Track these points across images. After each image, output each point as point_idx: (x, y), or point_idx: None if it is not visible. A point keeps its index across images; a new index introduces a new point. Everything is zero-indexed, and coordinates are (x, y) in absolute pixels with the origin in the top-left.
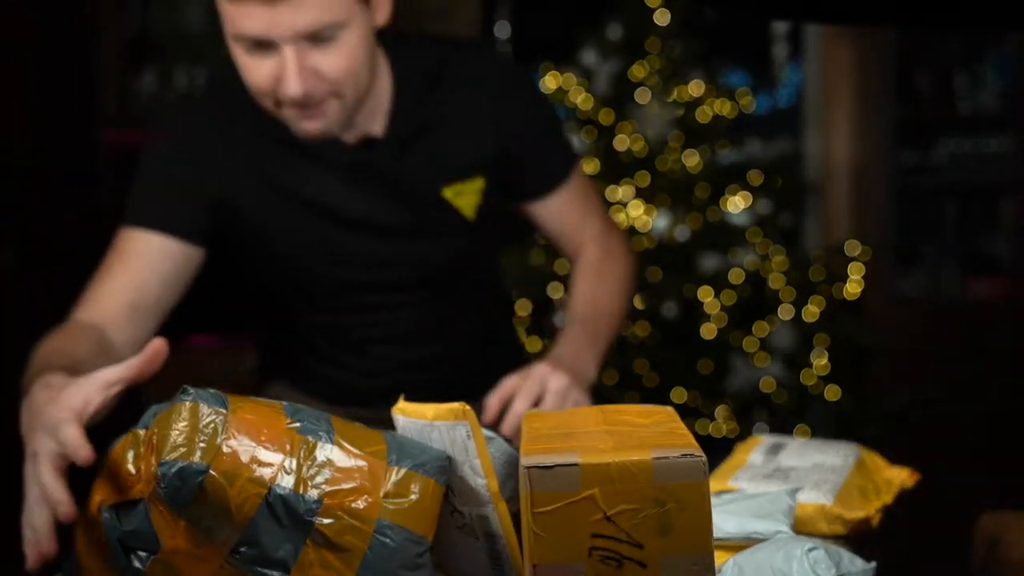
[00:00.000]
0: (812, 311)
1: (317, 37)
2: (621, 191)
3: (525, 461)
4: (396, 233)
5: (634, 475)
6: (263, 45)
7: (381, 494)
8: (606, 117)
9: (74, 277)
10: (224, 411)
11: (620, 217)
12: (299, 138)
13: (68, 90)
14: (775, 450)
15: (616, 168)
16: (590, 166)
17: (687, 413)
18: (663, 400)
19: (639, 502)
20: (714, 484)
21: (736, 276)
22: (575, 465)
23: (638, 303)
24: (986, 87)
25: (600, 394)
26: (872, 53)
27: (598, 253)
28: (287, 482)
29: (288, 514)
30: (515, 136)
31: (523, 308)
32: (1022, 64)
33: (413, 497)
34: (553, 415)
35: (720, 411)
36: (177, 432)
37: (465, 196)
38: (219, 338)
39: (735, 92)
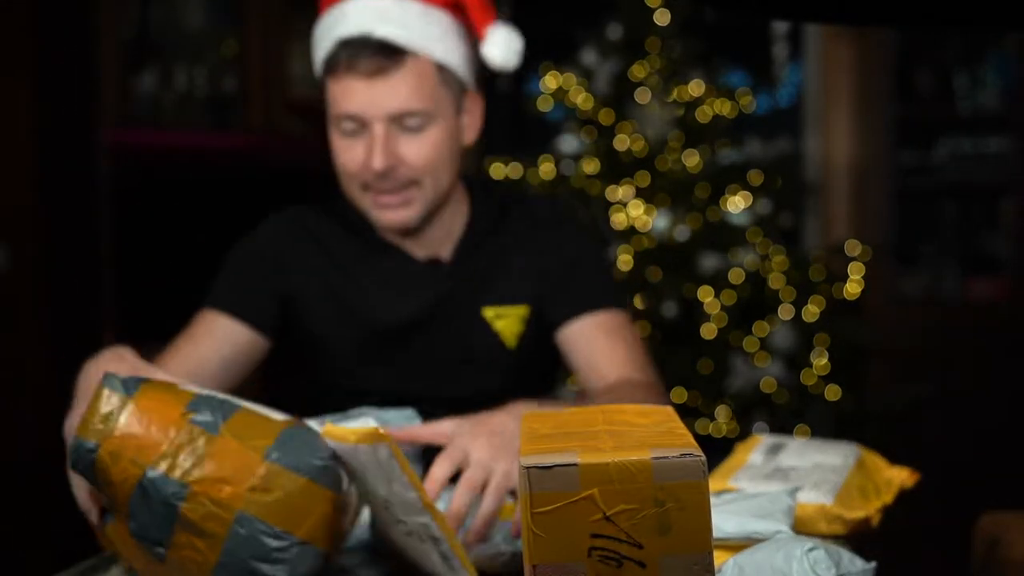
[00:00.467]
0: (812, 311)
1: (405, 124)
2: (621, 191)
3: (524, 461)
4: (441, 353)
5: (633, 475)
6: (357, 128)
7: (247, 487)
8: (606, 117)
9: (73, 277)
10: (127, 396)
11: (620, 217)
12: (371, 254)
13: (68, 90)
14: (775, 450)
15: (616, 168)
16: (590, 166)
17: (687, 413)
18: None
19: (638, 502)
20: (714, 484)
21: (736, 276)
22: (574, 465)
23: (638, 303)
24: (986, 87)
25: None
26: (872, 53)
27: (623, 384)
28: (162, 467)
29: (158, 496)
30: (555, 263)
31: None
32: (1022, 64)
33: (279, 493)
34: (553, 415)
35: (720, 411)
36: (89, 413)
37: (506, 320)
38: None
39: (735, 92)
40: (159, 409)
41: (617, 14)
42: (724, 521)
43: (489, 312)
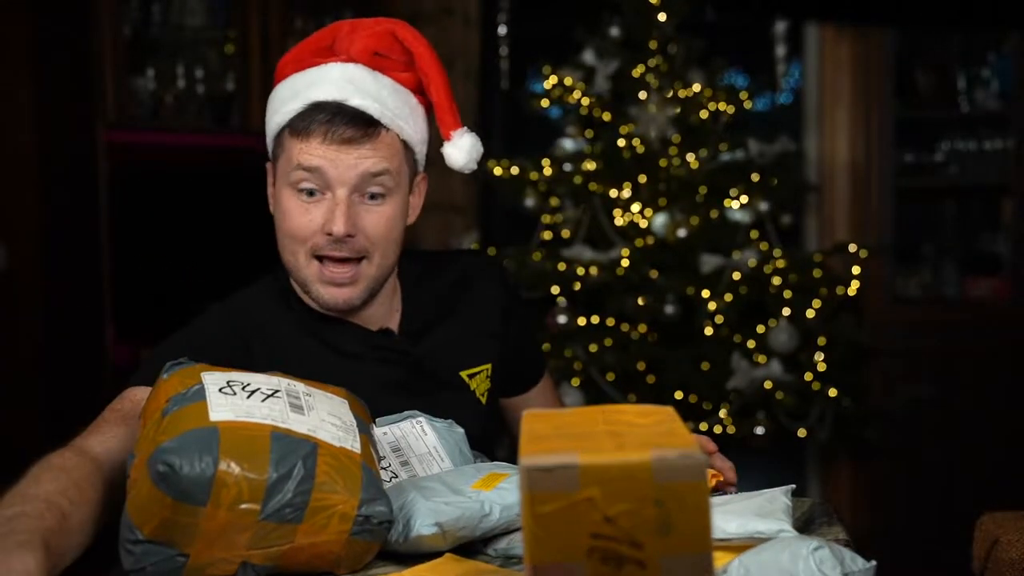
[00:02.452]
0: (812, 311)
1: (367, 193)
2: (621, 191)
3: (525, 462)
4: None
5: (634, 475)
6: (315, 190)
7: (135, 478)
8: (606, 117)
9: (73, 277)
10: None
11: (620, 217)
12: (326, 333)
13: (68, 90)
14: None
15: (616, 168)
16: (590, 166)
17: (687, 413)
18: (663, 400)
19: (639, 502)
20: None
21: (736, 276)
22: (575, 466)
23: (638, 303)
24: (986, 87)
25: (600, 394)
26: (872, 53)
27: None
28: (139, 445)
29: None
30: (513, 331)
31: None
32: (1022, 64)
33: (142, 487)
34: (553, 415)
35: (720, 411)
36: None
37: (477, 379)
38: None
39: (735, 92)
40: (159, 393)
41: (617, 14)
42: (726, 521)
43: (465, 375)
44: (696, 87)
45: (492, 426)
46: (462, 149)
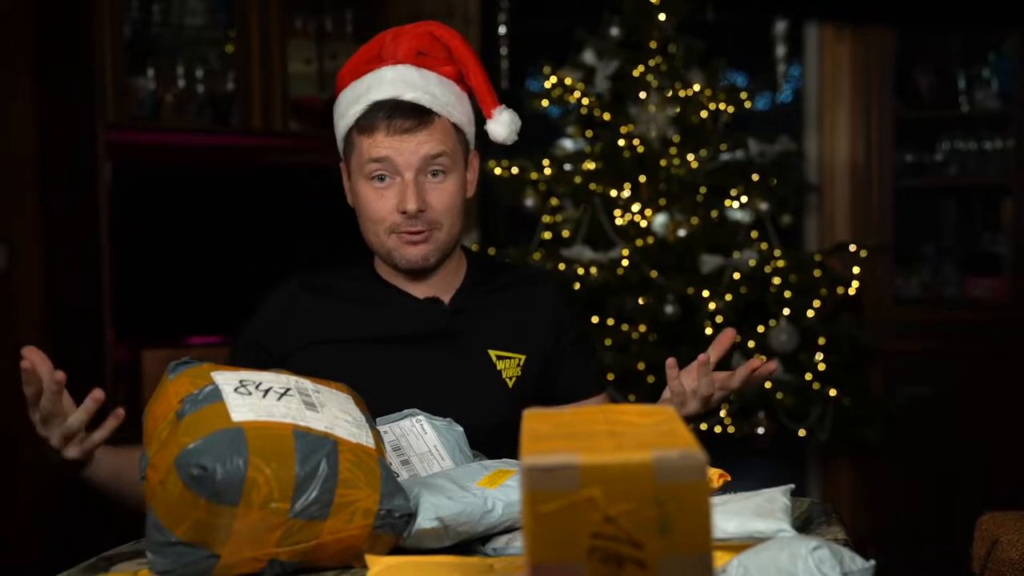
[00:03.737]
0: (812, 311)
1: (430, 172)
2: (621, 191)
3: (525, 461)
4: (444, 381)
5: (634, 475)
6: (386, 177)
7: (157, 480)
8: (606, 117)
9: (73, 277)
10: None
11: (620, 217)
12: (373, 293)
13: (68, 90)
14: None
15: (616, 168)
16: (590, 166)
17: None
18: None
19: (639, 502)
20: None
21: (736, 276)
22: (575, 466)
23: (638, 303)
24: (986, 87)
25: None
26: (872, 53)
27: None
28: (153, 447)
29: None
30: (565, 345)
31: None
32: (1022, 64)
33: (172, 489)
34: (554, 415)
35: (720, 411)
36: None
37: (507, 363)
38: (219, 339)
39: (735, 92)
40: (171, 394)
41: (617, 14)
42: (725, 521)
43: (493, 354)
44: (696, 87)
45: (519, 413)
46: (503, 124)
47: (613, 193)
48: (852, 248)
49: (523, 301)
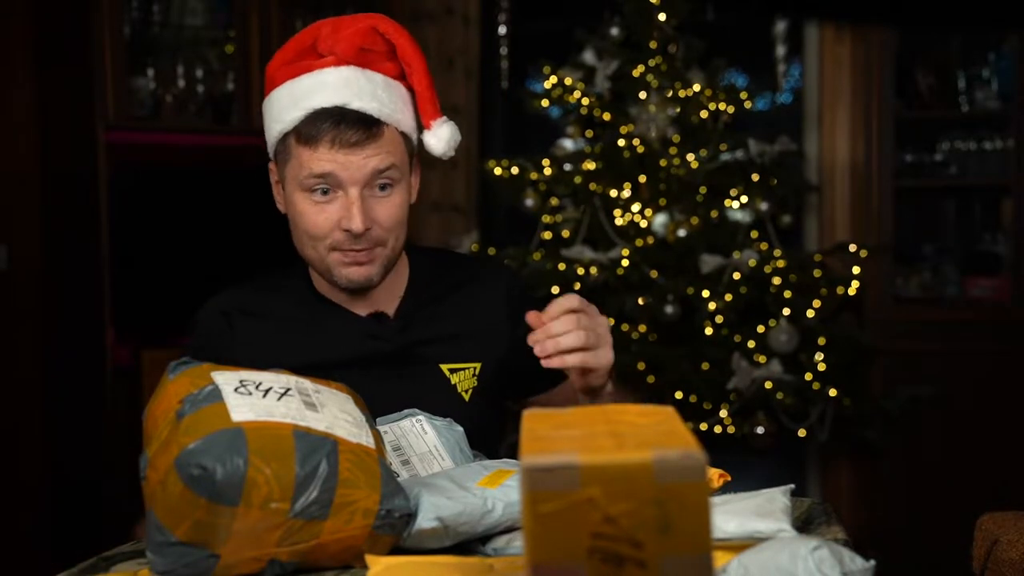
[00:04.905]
0: (812, 311)
1: (376, 186)
2: (621, 191)
3: (525, 462)
4: (397, 402)
5: (634, 475)
6: (328, 191)
7: (157, 480)
8: (606, 117)
9: (73, 277)
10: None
11: (620, 217)
12: (314, 314)
13: (68, 90)
14: None
15: (616, 168)
16: (590, 166)
17: (688, 413)
18: (663, 400)
19: (639, 502)
20: None
21: (736, 276)
22: (575, 466)
23: (638, 303)
24: (986, 87)
25: None
26: (872, 53)
27: None
28: (152, 447)
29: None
30: (524, 332)
31: None
32: (1022, 64)
33: (172, 489)
34: (554, 415)
35: (720, 411)
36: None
37: (460, 375)
38: None
39: (735, 92)
40: (173, 394)
41: (617, 14)
42: (725, 521)
43: (446, 368)
44: (696, 87)
45: (483, 424)
46: (441, 139)
47: (613, 193)
48: (852, 248)
49: (473, 301)
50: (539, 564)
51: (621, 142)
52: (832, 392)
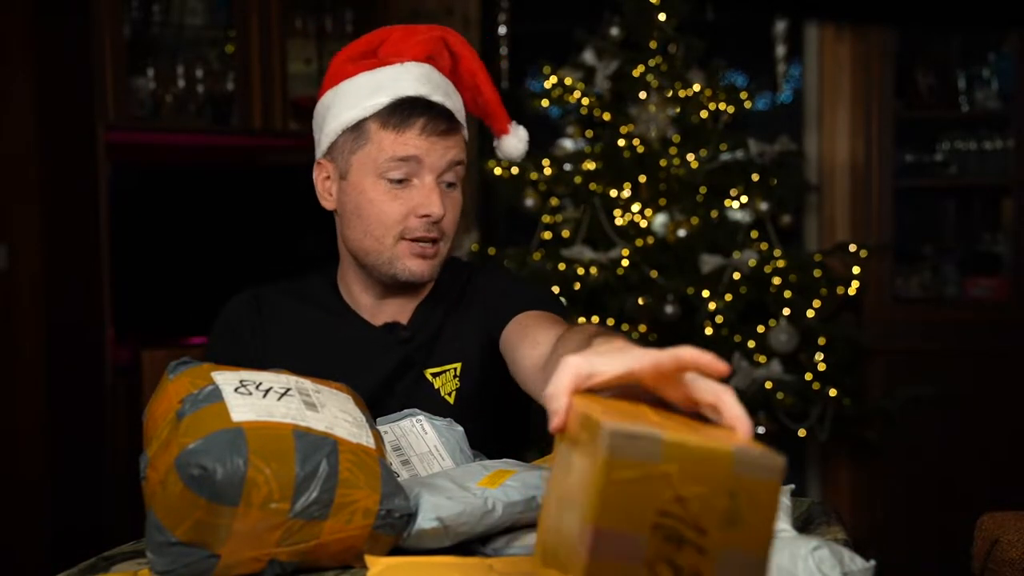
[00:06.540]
0: (812, 311)
1: (445, 181)
2: (621, 191)
3: (607, 426)
4: (382, 407)
5: (714, 461)
6: (403, 179)
7: (158, 480)
8: (606, 117)
9: (73, 277)
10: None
11: (620, 217)
12: (330, 319)
13: (68, 90)
14: None
15: (616, 168)
16: (590, 166)
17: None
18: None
19: (713, 489)
20: None
21: (736, 276)
22: (659, 439)
23: (638, 303)
24: (986, 87)
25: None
26: (872, 53)
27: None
28: (152, 447)
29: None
30: (494, 311)
31: None
32: (1022, 64)
33: (172, 489)
34: (604, 401)
35: None
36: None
37: (443, 378)
38: None
39: (735, 92)
40: (173, 394)
41: (617, 14)
42: None
43: (428, 373)
44: (696, 87)
45: (477, 425)
46: (522, 139)
47: (613, 193)
48: (852, 248)
49: (464, 306)
50: (602, 529)
51: (621, 142)
52: (832, 392)
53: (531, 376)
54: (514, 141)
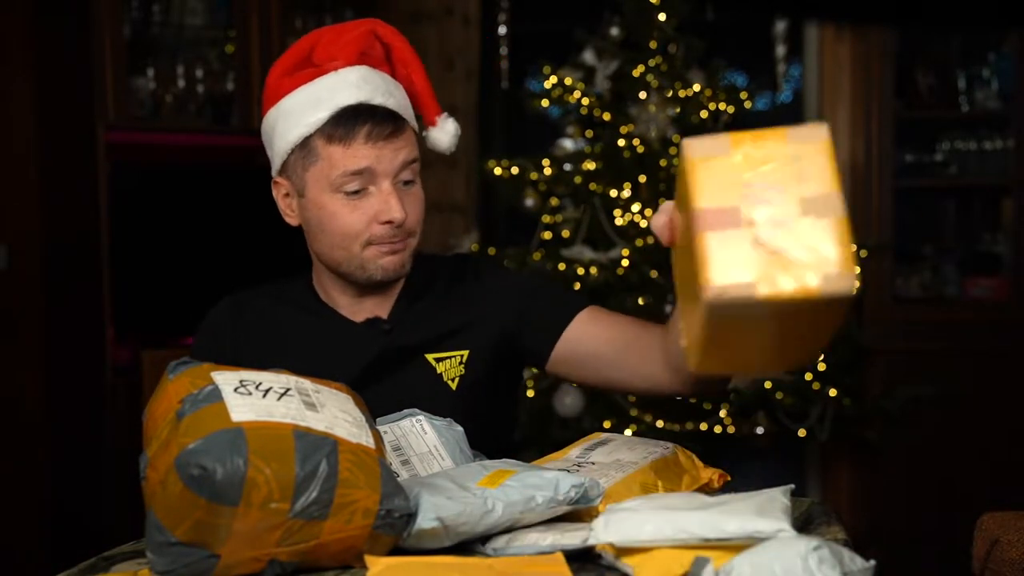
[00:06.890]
0: None
1: (402, 180)
2: (621, 191)
3: (687, 140)
4: (387, 399)
5: (770, 142)
6: (360, 189)
7: (158, 480)
8: (606, 117)
9: (73, 277)
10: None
11: (620, 217)
12: (310, 318)
13: (68, 90)
14: (596, 446)
15: (616, 168)
16: (590, 166)
17: (688, 412)
18: (662, 400)
19: (778, 159)
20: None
21: None
22: (727, 138)
23: (638, 303)
24: (986, 87)
25: (601, 393)
26: (872, 53)
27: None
28: (152, 447)
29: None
30: (512, 307)
31: None
32: (1022, 64)
33: (172, 489)
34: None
35: (720, 411)
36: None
37: (447, 363)
38: None
39: (735, 92)
40: (172, 395)
41: (617, 14)
42: (725, 521)
43: (431, 357)
44: (696, 87)
45: (477, 413)
46: (448, 132)
47: (613, 193)
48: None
49: (465, 301)
50: (705, 207)
51: (621, 142)
52: (832, 392)
53: (671, 344)
54: (440, 134)
